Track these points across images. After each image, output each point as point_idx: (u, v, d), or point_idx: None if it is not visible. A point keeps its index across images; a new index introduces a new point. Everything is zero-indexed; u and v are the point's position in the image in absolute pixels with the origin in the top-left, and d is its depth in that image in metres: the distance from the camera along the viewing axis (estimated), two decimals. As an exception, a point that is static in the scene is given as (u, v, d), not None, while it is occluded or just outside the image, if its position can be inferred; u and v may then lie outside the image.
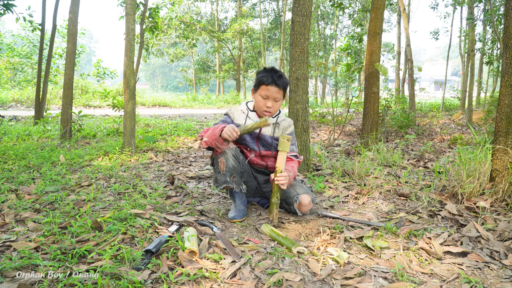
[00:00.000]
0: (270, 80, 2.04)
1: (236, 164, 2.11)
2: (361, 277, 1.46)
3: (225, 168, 2.07)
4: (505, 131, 2.23)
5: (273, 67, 2.16)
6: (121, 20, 6.50)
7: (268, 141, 2.22)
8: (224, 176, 2.09)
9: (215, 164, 2.12)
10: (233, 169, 2.10)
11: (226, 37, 18.55)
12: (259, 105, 2.12)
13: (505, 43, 2.23)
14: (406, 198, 2.56)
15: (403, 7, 8.90)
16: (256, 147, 2.22)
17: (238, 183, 2.13)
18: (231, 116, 2.22)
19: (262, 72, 2.12)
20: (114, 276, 1.39)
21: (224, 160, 2.07)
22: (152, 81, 62.39)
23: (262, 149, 2.23)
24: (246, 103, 2.27)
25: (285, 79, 2.10)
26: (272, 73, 2.07)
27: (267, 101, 2.09)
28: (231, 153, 2.09)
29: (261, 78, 2.08)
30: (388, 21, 21.75)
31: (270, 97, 2.08)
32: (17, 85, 14.51)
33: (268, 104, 2.09)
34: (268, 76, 2.05)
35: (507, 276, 1.48)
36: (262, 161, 2.26)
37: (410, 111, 6.95)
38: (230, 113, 2.23)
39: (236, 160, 2.11)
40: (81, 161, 3.57)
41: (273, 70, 2.10)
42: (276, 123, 2.22)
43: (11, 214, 2.02)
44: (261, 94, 2.09)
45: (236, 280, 1.43)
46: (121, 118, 5.81)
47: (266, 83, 2.05)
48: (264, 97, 2.08)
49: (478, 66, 13.97)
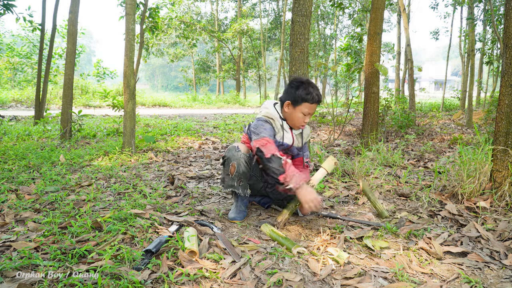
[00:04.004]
0: (315, 99, 2.02)
1: (246, 170, 2.08)
2: (361, 277, 1.46)
3: (235, 172, 2.06)
4: (505, 131, 2.23)
5: (308, 80, 2.09)
6: (121, 20, 6.50)
7: (294, 152, 2.21)
8: (232, 180, 2.08)
9: (226, 166, 2.10)
10: (243, 174, 2.08)
11: (226, 37, 18.55)
12: (298, 121, 2.07)
13: (505, 43, 2.23)
14: (406, 198, 2.56)
15: (403, 7, 8.90)
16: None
17: (244, 187, 2.12)
18: (275, 128, 2.08)
19: (302, 88, 2.03)
20: (114, 276, 1.39)
21: (235, 165, 2.05)
22: (152, 81, 62.39)
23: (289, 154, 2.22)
24: (274, 105, 2.15)
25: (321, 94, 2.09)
26: (316, 91, 2.03)
27: (306, 117, 2.06)
28: (244, 159, 2.05)
29: (306, 96, 2.01)
30: (388, 21, 21.77)
31: (310, 114, 2.06)
32: (17, 85, 14.52)
33: (306, 119, 2.07)
34: (314, 94, 2.02)
35: (507, 276, 1.48)
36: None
37: (410, 111, 6.96)
38: (273, 124, 2.08)
39: (247, 166, 2.08)
40: (81, 161, 3.57)
41: (313, 86, 2.05)
42: (301, 132, 2.21)
43: (11, 214, 2.02)
44: (303, 112, 2.04)
45: (236, 280, 1.43)
46: (121, 118, 5.81)
47: (311, 102, 2.02)
48: (306, 114, 2.05)
49: (478, 66, 13.97)
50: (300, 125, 2.10)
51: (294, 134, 2.17)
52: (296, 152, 2.22)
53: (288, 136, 2.14)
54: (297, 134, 2.20)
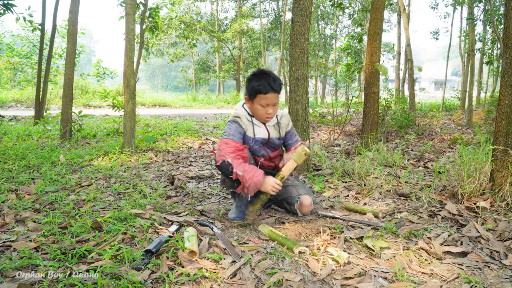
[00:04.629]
0: (268, 88, 1.94)
1: None
2: (361, 277, 1.46)
3: None
4: (505, 131, 2.23)
5: (263, 70, 2.03)
6: (121, 20, 6.50)
7: (276, 143, 2.18)
8: (232, 181, 2.07)
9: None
10: None
11: (226, 37, 18.54)
12: (259, 113, 2.03)
13: (505, 43, 2.23)
14: (406, 198, 2.56)
15: (403, 7, 8.90)
16: (265, 152, 2.18)
17: None
18: (242, 125, 2.07)
19: (255, 80, 1.98)
20: (114, 276, 1.39)
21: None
22: (152, 81, 62.38)
23: (270, 152, 2.20)
24: (242, 106, 2.13)
25: (279, 80, 2.00)
26: (268, 80, 1.95)
27: (267, 108, 2.01)
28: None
29: (257, 87, 1.95)
30: (388, 21, 21.75)
31: (270, 104, 2.00)
32: (17, 85, 14.51)
33: (269, 111, 2.01)
34: (265, 84, 1.94)
35: (507, 276, 1.48)
36: (271, 163, 2.25)
37: (410, 111, 6.95)
38: (240, 122, 2.07)
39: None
40: (81, 161, 3.57)
41: (266, 75, 1.97)
42: (278, 123, 2.17)
43: (11, 214, 2.02)
44: (260, 103, 1.99)
45: (236, 280, 1.43)
46: (121, 118, 5.81)
47: (264, 92, 1.95)
48: (264, 106, 2.00)
49: (478, 66, 13.96)
50: (264, 118, 2.04)
51: (269, 127, 2.12)
52: (278, 142, 2.18)
53: (261, 130, 2.10)
54: (272, 126, 2.14)
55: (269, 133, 2.13)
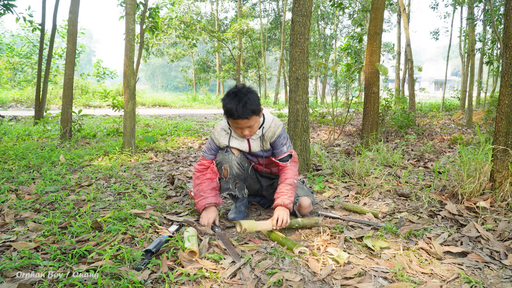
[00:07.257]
0: (235, 115, 1.81)
1: (240, 172, 2.09)
2: (361, 277, 1.46)
3: (229, 175, 2.06)
4: (505, 131, 2.23)
5: (235, 91, 1.85)
6: (121, 20, 6.50)
7: (260, 155, 2.11)
8: (227, 183, 2.09)
9: (219, 170, 2.10)
10: (237, 176, 2.09)
11: (226, 37, 18.53)
12: (237, 132, 1.97)
13: (505, 43, 2.23)
14: (406, 198, 2.56)
15: (403, 7, 8.90)
16: (254, 158, 2.16)
17: (240, 189, 2.13)
18: (215, 142, 2.07)
19: (227, 101, 1.84)
20: (114, 276, 1.39)
21: (228, 168, 2.05)
22: (152, 81, 62.37)
23: (260, 159, 2.16)
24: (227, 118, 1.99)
25: (250, 106, 1.80)
26: (237, 105, 1.79)
27: (243, 130, 1.92)
28: (236, 160, 2.05)
29: (227, 110, 1.83)
30: (388, 21, 21.75)
31: (243, 128, 1.90)
32: (17, 85, 14.52)
33: (245, 132, 1.92)
34: (232, 110, 1.80)
35: (507, 276, 1.48)
36: (266, 169, 2.23)
37: (410, 111, 6.95)
38: (214, 138, 2.08)
39: (240, 167, 2.08)
40: (81, 161, 3.57)
41: (237, 98, 1.81)
42: (262, 136, 2.05)
43: (11, 214, 2.02)
44: (233, 126, 1.93)
45: (236, 280, 1.43)
46: (121, 118, 5.81)
47: (233, 118, 1.84)
48: (237, 128, 1.92)
49: (478, 66, 13.96)
50: (242, 136, 1.97)
51: (252, 140, 2.05)
52: (263, 154, 2.10)
53: (242, 144, 2.06)
54: (256, 138, 2.06)
55: (249, 146, 2.07)
